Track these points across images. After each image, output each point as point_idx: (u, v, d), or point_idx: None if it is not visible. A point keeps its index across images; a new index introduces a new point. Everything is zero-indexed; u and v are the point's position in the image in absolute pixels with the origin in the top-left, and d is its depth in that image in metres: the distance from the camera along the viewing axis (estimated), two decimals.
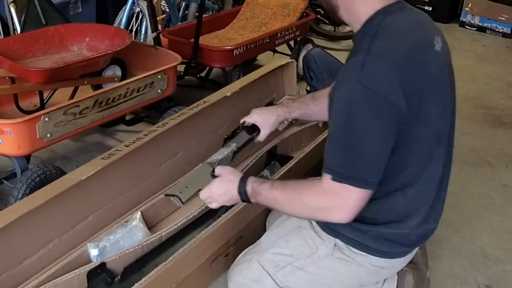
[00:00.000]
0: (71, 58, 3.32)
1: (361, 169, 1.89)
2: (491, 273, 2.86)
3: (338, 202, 1.94)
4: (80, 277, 2.27)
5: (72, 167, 3.43)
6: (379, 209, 2.10)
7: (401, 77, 1.87)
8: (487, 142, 4.12)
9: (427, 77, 1.97)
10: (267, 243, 2.37)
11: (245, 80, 3.30)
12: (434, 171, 2.11)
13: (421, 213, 2.13)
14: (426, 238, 2.30)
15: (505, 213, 3.34)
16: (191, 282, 2.48)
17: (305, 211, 2.05)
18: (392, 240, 2.15)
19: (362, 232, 2.13)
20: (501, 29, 6.38)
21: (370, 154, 1.89)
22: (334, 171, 1.90)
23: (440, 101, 2.05)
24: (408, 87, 1.88)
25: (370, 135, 1.87)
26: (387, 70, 1.87)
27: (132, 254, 2.42)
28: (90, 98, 3.04)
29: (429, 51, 2.03)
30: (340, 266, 2.22)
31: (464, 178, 3.65)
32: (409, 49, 1.94)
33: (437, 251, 2.96)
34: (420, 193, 2.10)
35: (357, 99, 1.86)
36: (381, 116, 1.86)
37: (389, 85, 1.85)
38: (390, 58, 1.89)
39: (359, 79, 1.85)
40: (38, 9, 3.94)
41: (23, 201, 2.36)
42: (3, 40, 3.63)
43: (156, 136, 2.76)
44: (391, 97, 1.85)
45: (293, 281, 2.29)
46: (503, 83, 5.21)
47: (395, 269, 2.34)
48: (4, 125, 2.75)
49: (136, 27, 4.64)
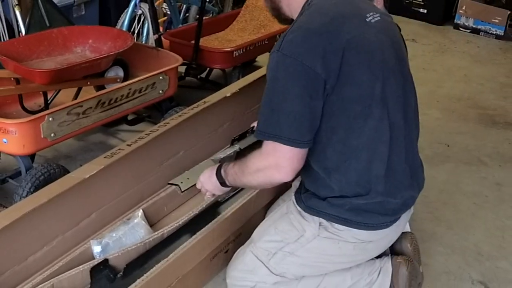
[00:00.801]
0: (74, 59, 3.32)
1: (286, 128, 2.03)
2: (484, 269, 2.86)
3: (272, 161, 2.08)
4: (83, 273, 2.27)
5: (76, 166, 3.43)
6: (342, 180, 2.17)
7: (316, 42, 2.03)
8: (481, 142, 4.12)
9: (349, 41, 2.06)
10: (258, 234, 2.42)
11: (245, 81, 3.30)
12: (380, 132, 2.14)
13: (381, 176, 2.16)
14: (407, 206, 2.32)
15: (498, 210, 3.34)
16: (192, 278, 2.48)
17: (252, 176, 2.17)
18: (369, 210, 2.19)
19: (339, 206, 2.19)
20: (494, 31, 6.38)
21: (292, 113, 2.03)
22: (263, 132, 2.07)
23: (370, 64, 2.12)
24: (326, 50, 2.02)
25: (290, 96, 2.03)
26: (303, 39, 2.04)
27: (134, 251, 2.42)
28: (93, 99, 3.04)
29: (356, 20, 2.15)
30: (328, 245, 2.25)
31: (458, 177, 3.65)
32: (328, 18, 2.09)
33: (431, 248, 2.96)
34: (373, 156, 2.15)
35: (278, 65, 2.05)
36: (298, 78, 2.02)
37: (305, 51, 2.01)
38: (308, 28, 2.07)
39: (279, 49, 2.05)
40: (42, 11, 3.95)
41: (28, 199, 2.36)
42: (8, 42, 3.63)
43: (157, 135, 2.76)
44: (307, 61, 2.00)
45: (286, 267, 2.31)
46: (496, 83, 5.21)
47: (382, 243, 2.36)
48: (9, 125, 2.76)
49: (138, 29, 4.64)
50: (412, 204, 2.34)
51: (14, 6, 4.07)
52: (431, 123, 4.24)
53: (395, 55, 2.22)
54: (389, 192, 2.18)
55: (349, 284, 2.39)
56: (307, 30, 2.06)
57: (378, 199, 2.17)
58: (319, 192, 2.24)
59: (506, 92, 5.04)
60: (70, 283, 2.25)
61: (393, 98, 2.16)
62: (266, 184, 2.23)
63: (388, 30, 2.27)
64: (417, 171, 2.35)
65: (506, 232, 3.15)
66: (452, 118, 4.47)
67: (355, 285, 2.40)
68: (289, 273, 2.33)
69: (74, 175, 2.47)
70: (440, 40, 6.30)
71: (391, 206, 2.22)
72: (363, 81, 2.08)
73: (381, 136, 2.13)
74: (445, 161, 3.83)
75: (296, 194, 2.38)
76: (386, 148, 2.15)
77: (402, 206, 2.27)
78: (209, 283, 2.64)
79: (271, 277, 2.33)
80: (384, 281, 2.41)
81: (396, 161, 2.18)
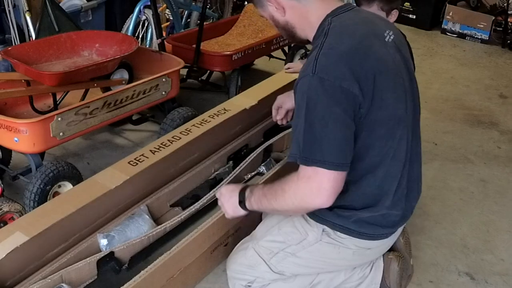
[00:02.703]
0: (82, 62, 3.31)
1: (327, 152, 1.92)
2: (470, 262, 2.86)
3: (312, 185, 1.95)
4: (90, 265, 2.27)
5: (83, 163, 3.44)
6: (354, 194, 2.13)
7: (351, 65, 1.92)
8: (467, 140, 4.13)
9: (378, 63, 2.00)
10: (261, 232, 2.40)
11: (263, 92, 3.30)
12: (399, 151, 2.12)
13: (392, 192, 2.15)
14: (406, 218, 2.31)
15: (483, 206, 3.34)
16: (193, 269, 2.48)
17: (287, 201, 2.05)
18: (372, 223, 2.17)
19: (345, 217, 2.16)
20: (479, 35, 6.39)
21: (336, 138, 1.92)
22: (304, 157, 1.93)
23: (395, 86, 2.07)
24: (360, 73, 1.93)
25: (332, 120, 1.91)
26: (337, 61, 1.93)
27: (139, 244, 2.42)
28: (100, 100, 3.04)
29: (378, 41, 2.07)
30: (329, 249, 2.24)
31: (445, 174, 3.65)
32: (357, 40, 1.99)
33: (420, 241, 2.96)
34: (388, 173, 2.12)
35: (315, 89, 1.91)
36: (339, 101, 1.91)
37: (341, 74, 1.90)
38: (339, 50, 1.95)
39: (314, 71, 1.91)
40: (52, 17, 3.94)
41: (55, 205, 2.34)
42: (19, 46, 3.62)
43: (182, 145, 2.79)
44: (345, 84, 1.90)
45: (286, 266, 2.31)
46: (481, 85, 5.21)
47: (380, 249, 2.36)
48: (20, 125, 2.75)
49: (142, 34, 4.64)
50: (409, 216, 2.33)
51: (25, 12, 4.07)
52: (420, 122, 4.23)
53: (407, 74, 2.18)
54: (393, 205, 2.17)
55: (343, 279, 2.40)
56: (339, 52, 1.94)
57: (382, 211, 2.16)
58: None
59: (490, 93, 5.04)
60: (78, 274, 2.25)
61: (409, 117, 2.15)
62: (302, 209, 2.11)
63: (402, 48, 2.21)
64: (417, 183, 2.34)
65: (491, 226, 3.15)
66: (439, 118, 4.47)
67: (348, 280, 2.40)
68: (288, 272, 2.33)
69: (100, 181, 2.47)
70: (428, 44, 6.30)
71: (392, 219, 2.21)
72: (390, 104, 2.03)
73: (398, 155, 2.12)
74: (433, 159, 3.83)
75: None
76: (400, 166, 2.14)
77: (402, 218, 2.26)
78: (209, 275, 2.64)
79: (270, 274, 2.33)
80: (376, 275, 2.41)
81: (404, 177, 2.18)
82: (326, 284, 2.39)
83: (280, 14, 2.14)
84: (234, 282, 2.41)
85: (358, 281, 2.41)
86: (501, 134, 4.27)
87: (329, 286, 2.40)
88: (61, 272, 2.19)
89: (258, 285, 2.37)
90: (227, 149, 3.09)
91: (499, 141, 4.15)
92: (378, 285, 2.41)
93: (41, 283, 2.12)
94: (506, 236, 3.08)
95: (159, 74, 3.39)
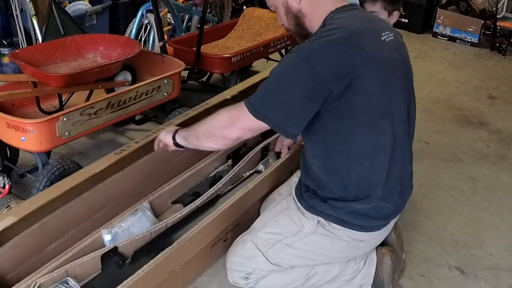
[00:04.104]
0: (86, 64, 3.31)
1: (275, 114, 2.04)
2: (460, 256, 2.87)
3: (234, 120, 2.13)
4: (95, 259, 2.27)
5: (88, 162, 3.41)
6: (342, 182, 2.16)
7: (333, 52, 2.01)
8: (457, 140, 4.13)
9: (365, 54, 2.04)
10: (259, 224, 2.42)
11: (244, 85, 3.30)
12: (384, 143, 2.14)
13: (381, 183, 2.17)
14: (398, 211, 2.33)
15: (473, 203, 3.34)
16: (194, 263, 2.48)
17: (210, 125, 2.22)
18: (365, 214, 2.19)
19: (338, 209, 2.18)
20: (469, 39, 6.39)
21: (286, 105, 2.02)
22: (255, 108, 2.05)
23: (384, 79, 2.10)
24: (341, 62, 2.01)
25: (292, 92, 2.01)
26: (321, 47, 2.02)
27: (141, 239, 2.41)
28: (104, 100, 3.04)
29: (372, 37, 2.13)
30: (324, 241, 2.26)
31: (436, 172, 3.66)
32: (348, 32, 2.05)
33: (412, 236, 2.96)
34: (375, 163, 2.15)
35: (291, 64, 2.04)
36: (305, 81, 2.00)
37: (319, 59, 1.99)
38: (327, 39, 2.03)
39: (298, 51, 2.04)
40: (58, 21, 3.94)
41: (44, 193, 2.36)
42: (26, 48, 3.62)
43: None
44: (318, 68, 1.97)
45: (283, 257, 2.32)
46: (471, 86, 5.22)
47: (373, 242, 2.37)
48: (27, 125, 2.75)
49: (145, 37, 4.64)
50: (402, 210, 2.35)
51: (32, 16, 4.07)
52: (414, 122, 4.24)
53: (404, 73, 2.22)
54: (384, 197, 2.19)
55: (337, 271, 2.40)
56: (326, 41, 2.03)
57: (374, 203, 2.17)
58: (321, 193, 2.24)
59: (480, 94, 5.04)
60: (83, 269, 2.24)
61: (398, 113, 2.17)
62: (218, 133, 2.21)
63: (400, 49, 2.26)
64: (408, 179, 2.36)
65: (480, 222, 3.15)
66: (431, 118, 4.47)
67: (343, 272, 2.41)
68: (284, 263, 2.34)
69: (86, 170, 2.48)
70: (420, 47, 6.30)
71: (384, 211, 2.23)
72: (372, 94, 2.06)
73: (384, 147, 2.14)
74: (425, 157, 3.83)
75: (297, 190, 2.38)
76: (387, 158, 2.15)
77: (394, 211, 2.28)
78: (209, 269, 2.64)
79: (268, 265, 2.34)
80: (369, 269, 2.42)
81: (393, 170, 2.19)
82: (321, 276, 2.40)
83: (296, 1, 2.21)
84: (233, 274, 2.43)
85: (352, 275, 2.41)
86: (490, 133, 4.27)
87: (324, 279, 2.41)
88: (66, 266, 2.19)
89: (256, 276, 2.38)
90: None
91: (488, 140, 4.15)
92: (372, 279, 2.42)
93: (47, 277, 2.12)
94: (494, 232, 3.08)
95: (161, 76, 3.39)
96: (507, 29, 6.35)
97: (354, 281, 2.43)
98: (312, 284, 2.42)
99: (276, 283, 2.41)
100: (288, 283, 2.42)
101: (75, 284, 2.13)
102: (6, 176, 3.01)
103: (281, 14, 2.31)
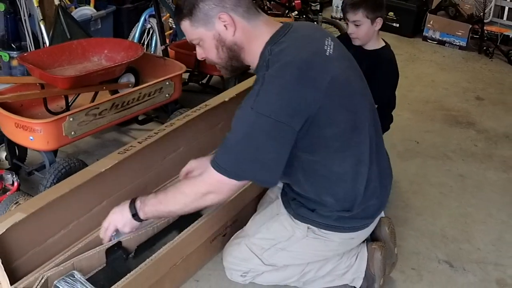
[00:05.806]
0: (92, 67, 3.30)
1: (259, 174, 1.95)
2: (449, 251, 2.87)
3: (216, 188, 1.98)
4: (99, 253, 2.27)
5: (93, 160, 3.41)
6: (331, 200, 2.14)
7: (290, 97, 1.85)
8: (446, 139, 4.13)
9: (324, 84, 1.91)
10: (251, 229, 2.41)
11: (241, 87, 3.30)
12: (362, 156, 2.10)
13: (362, 191, 2.14)
14: (383, 204, 2.32)
15: (462, 199, 3.34)
16: (194, 257, 2.48)
17: (187, 200, 2.04)
18: (354, 217, 2.19)
19: (326, 217, 2.18)
20: (458, 42, 6.38)
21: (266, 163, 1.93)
22: (223, 168, 1.93)
23: (348, 99, 2.01)
24: (303, 101, 1.87)
25: (263, 151, 1.89)
26: (277, 94, 1.85)
27: (144, 234, 2.42)
28: (108, 101, 3.04)
29: (319, 60, 1.96)
30: (316, 243, 2.26)
31: (426, 170, 3.66)
32: (297, 69, 1.88)
33: (403, 231, 2.96)
34: (356, 177, 2.10)
35: (252, 124, 1.87)
36: (273, 135, 1.88)
37: (279, 108, 1.84)
38: (279, 84, 1.86)
39: (252, 106, 1.86)
40: (64, 25, 3.93)
41: (52, 189, 2.36)
42: (34, 52, 3.61)
43: (165, 134, 2.78)
44: (281, 118, 1.84)
45: (278, 259, 2.33)
46: (459, 88, 5.21)
47: (362, 236, 2.37)
48: (35, 125, 2.75)
49: (148, 41, 4.65)
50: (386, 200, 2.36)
51: (39, 21, 4.07)
52: (402, 123, 4.24)
53: (356, 74, 2.14)
54: (369, 199, 2.18)
55: (331, 267, 2.40)
56: (278, 86, 1.86)
57: (361, 207, 2.16)
58: (309, 205, 2.22)
59: (468, 95, 5.04)
60: (88, 262, 2.25)
61: (366, 121, 2.11)
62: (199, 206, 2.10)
63: (342, 51, 2.12)
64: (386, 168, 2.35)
65: (468, 218, 3.15)
66: (421, 119, 4.46)
67: (336, 268, 2.41)
68: (279, 263, 2.35)
69: (92, 169, 2.47)
70: (410, 50, 6.29)
71: (371, 210, 2.23)
72: (341, 120, 1.98)
73: (363, 159, 2.10)
74: (415, 156, 3.83)
75: (283, 197, 2.36)
76: (366, 168, 2.12)
77: (380, 206, 2.28)
78: (209, 262, 2.63)
79: (263, 266, 2.35)
80: (361, 264, 2.42)
81: (373, 171, 2.17)
82: (315, 272, 2.40)
83: (230, 33, 1.98)
84: (231, 272, 2.44)
85: (345, 269, 2.42)
86: (478, 133, 4.27)
87: (318, 274, 2.41)
88: (72, 260, 2.19)
89: (253, 274, 2.39)
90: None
91: (476, 140, 4.15)
92: (363, 273, 2.42)
93: (55, 270, 2.12)
94: (482, 227, 3.08)
95: (163, 78, 3.38)
96: (494, 33, 6.35)
97: (346, 276, 2.44)
98: (307, 279, 2.42)
99: (272, 279, 2.42)
100: (284, 279, 2.42)
101: (80, 277, 2.13)
102: (15, 174, 3.00)
103: (208, 48, 2.07)
